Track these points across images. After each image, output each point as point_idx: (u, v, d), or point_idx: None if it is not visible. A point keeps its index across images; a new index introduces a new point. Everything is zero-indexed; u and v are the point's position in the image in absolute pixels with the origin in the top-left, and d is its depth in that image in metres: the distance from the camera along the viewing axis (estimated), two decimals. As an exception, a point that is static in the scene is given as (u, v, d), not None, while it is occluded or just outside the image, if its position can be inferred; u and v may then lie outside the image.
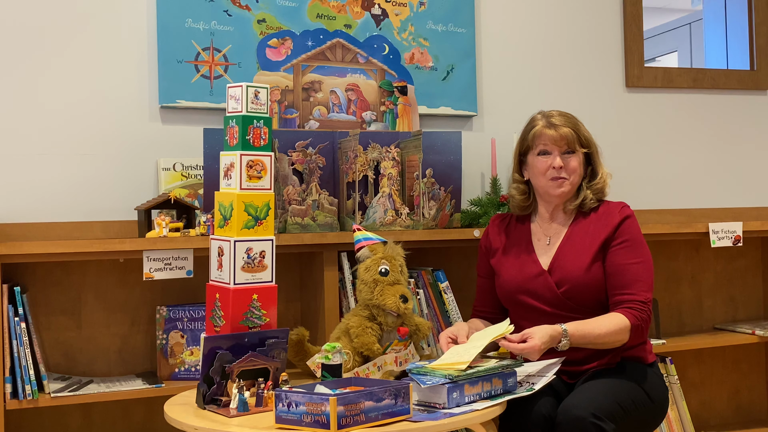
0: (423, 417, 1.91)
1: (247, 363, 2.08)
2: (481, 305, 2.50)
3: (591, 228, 2.38)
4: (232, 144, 2.18)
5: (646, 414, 2.28)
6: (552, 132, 2.36)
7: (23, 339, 2.27)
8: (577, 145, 2.37)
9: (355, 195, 2.63)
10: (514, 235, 2.47)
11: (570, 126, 2.38)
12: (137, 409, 2.59)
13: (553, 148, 2.37)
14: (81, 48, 2.61)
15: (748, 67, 3.54)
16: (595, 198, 2.41)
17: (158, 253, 2.37)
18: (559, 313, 2.31)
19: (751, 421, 3.40)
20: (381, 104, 2.91)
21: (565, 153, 2.37)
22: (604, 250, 2.34)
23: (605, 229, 2.36)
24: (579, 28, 3.25)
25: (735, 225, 3.05)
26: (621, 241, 2.34)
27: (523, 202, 2.47)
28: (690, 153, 3.41)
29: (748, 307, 3.47)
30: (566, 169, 2.36)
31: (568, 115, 2.42)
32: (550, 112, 2.42)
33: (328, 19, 2.85)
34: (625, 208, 2.40)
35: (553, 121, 2.38)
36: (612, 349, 2.32)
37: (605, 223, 2.37)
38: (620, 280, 2.30)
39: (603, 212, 2.40)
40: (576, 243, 2.37)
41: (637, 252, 2.33)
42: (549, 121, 2.39)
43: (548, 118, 2.40)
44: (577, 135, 2.38)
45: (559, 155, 2.36)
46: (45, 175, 2.56)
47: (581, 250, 2.35)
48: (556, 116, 2.40)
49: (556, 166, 2.35)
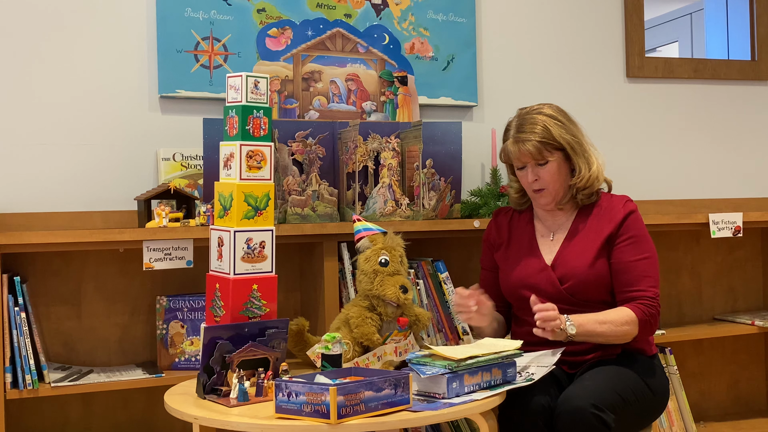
0: (423, 407, 1.91)
1: (247, 353, 2.09)
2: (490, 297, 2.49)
3: (594, 223, 2.37)
4: (231, 134, 2.17)
5: (647, 405, 2.28)
6: (515, 149, 2.34)
7: (23, 329, 2.27)
8: (547, 153, 2.33)
9: (355, 185, 2.62)
10: (518, 230, 2.47)
11: (537, 136, 2.31)
12: (137, 398, 2.59)
13: (525, 162, 2.36)
14: (80, 38, 2.60)
15: (749, 57, 3.54)
16: (587, 192, 2.38)
17: (158, 243, 2.37)
18: (562, 308, 2.30)
19: (750, 411, 3.41)
20: (381, 94, 2.90)
21: (539, 164, 2.34)
22: (609, 246, 2.34)
23: (609, 225, 2.34)
24: (580, 17, 3.24)
25: (735, 216, 3.05)
26: (626, 238, 2.33)
27: (520, 199, 2.49)
28: (690, 143, 3.41)
29: (748, 297, 3.47)
30: (540, 181, 2.35)
31: (540, 119, 2.34)
32: (522, 119, 2.36)
33: (328, 8, 2.84)
34: (629, 202, 2.38)
35: (520, 136, 2.33)
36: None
37: (609, 218, 2.36)
38: (627, 278, 2.30)
39: (606, 206, 2.39)
40: (580, 239, 2.37)
41: (642, 248, 2.33)
42: (516, 136, 2.34)
43: (517, 130, 2.35)
44: (544, 144, 2.31)
45: (531, 168, 2.35)
46: (45, 166, 2.56)
47: (585, 245, 2.35)
48: (525, 125, 2.34)
49: (530, 180, 2.35)
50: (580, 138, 2.38)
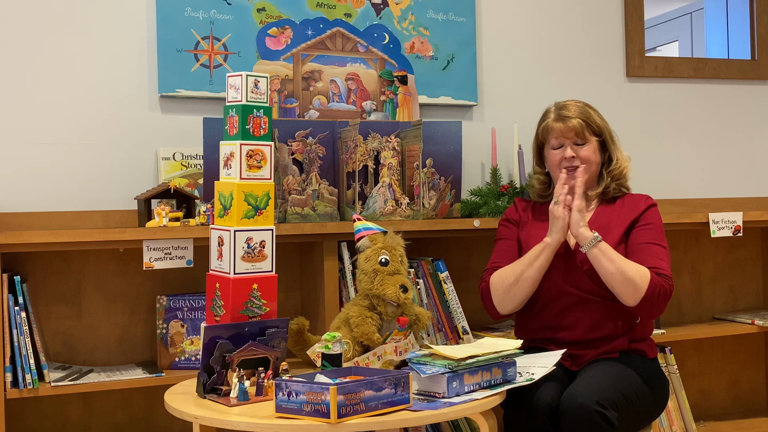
0: (423, 406, 1.91)
1: (247, 352, 2.09)
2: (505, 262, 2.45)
3: (616, 213, 2.43)
4: (231, 133, 2.17)
5: (647, 405, 2.29)
6: (560, 125, 2.42)
7: (23, 328, 2.27)
8: (588, 134, 2.41)
9: (355, 185, 2.62)
10: (540, 216, 2.50)
11: (580, 116, 2.41)
12: (137, 398, 2.60)
13: (564, 141, 2.42)
14: (80, 38, 2.60)
15: (749, 56, 3.54)
16: (617, 185, 2.45)
17: (158, 242, 2.37)
18: (579, 293, 2.33)
19: (750, 410, 3.41)
20: (381, 94, 2.90)
21: (577, 144, 2.41)
22: (628, 235, 2.39)
23: (631, 215, 2.41)
24: (580, 17, 3.24)
25: (735, 215, 3.05)
26: (644, 224, 2.39)
27: (543, 191, 2.52)
28: (690, 143, 3.41)
29: (748, 297, 3.47)
30: (579, 158, 2.41)
31: (580, 105, 2.46)
32: (564, 103, 2.46)
33: (328, 8, 2.84)
34: (650, 198, 2.47)
35: (563, 113, 2.42)
36: (615, 337, 2.33)
37: (631, 209, 2.43)
38: (642, 256, 2.32)
39: (628, 201, 2.46)
40: (603, 225, 2.40)
41: (658, 236, 2.39)
42: (559, 114, 2.43)
43: (559, 111, 2.44)
44: (587, 124, 2.41)
45: (570, 146, 2.41)
46: (45, 165, 2.56)
47: (608, 231, 2.38)
48: (567, 107, 2.44)
49: (567, 156, 2.40)
50: (612, 132, 2.48)
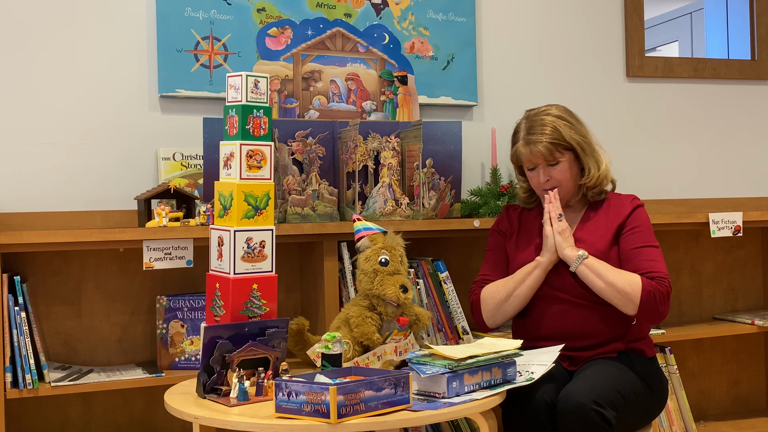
0: (423, 406, 1.91)
1: (247, 352, 2.09)
2: (494, 276, 2.48)
3: (603, 217, 2.42)
4: (231, 133, 2.17)
5: (646, 404, 2.29)
6: (527, 150, 2.38)
7: (23, 328, 2.27)
8: (558, 154, 2.37)
9: (355, 185, 2.62)
10: (528, 223, 2.50)
11: (550, 137, 2.35)
12: (137, 398, 2.60)
13: (536, 163, 2.40)
14: (81, 38, 2.60)
15: (749, 56, 3.54)
16: (597, 191, 2.43)
17: (158, 242, 2.37)
18: (570, 299, 2.32)
19: (750, 411, 3.41)
20: (381, 94, 2.90)
21: (550, 164, 2.38)
22: (618, 237, 2.38)
23: (618, 218, 2.40)
24: (580, 17, 3.24)
25: (735, 215, 3.05)
26: (632, 227, 2.38)
27: (528, 198, 2.52)
28: (690, 143, 3.41)
29: (748, 297, 3.48)
30: (552, 181, 2.39)
31: (550, 119, 2.38)
32: (534, 118, 2.40)
33: (328, 8, 2.84)
34: (636, 199, 2.45)
35: (531, 137, 2.37)
36: (614, 337, 2.33)
37: (617, 212, 2.41)
38: (636, 264, 2.32)
39: (614, 203, 2.44)
40: (590, 231, 2.40)
41: (648, 237, 2.38)
42: (527, 138, 2.38)
43: (528, 132, 2.39)
44: (555, 145, 2.36)
45: (543, 169, 2.39)
46: (45, 165, 2.56)
47: (596, 237, 2.38)
48: (535, 126, 2.38)
49: (542, 181, 2.39)
50: (588, 138, 2.43)
